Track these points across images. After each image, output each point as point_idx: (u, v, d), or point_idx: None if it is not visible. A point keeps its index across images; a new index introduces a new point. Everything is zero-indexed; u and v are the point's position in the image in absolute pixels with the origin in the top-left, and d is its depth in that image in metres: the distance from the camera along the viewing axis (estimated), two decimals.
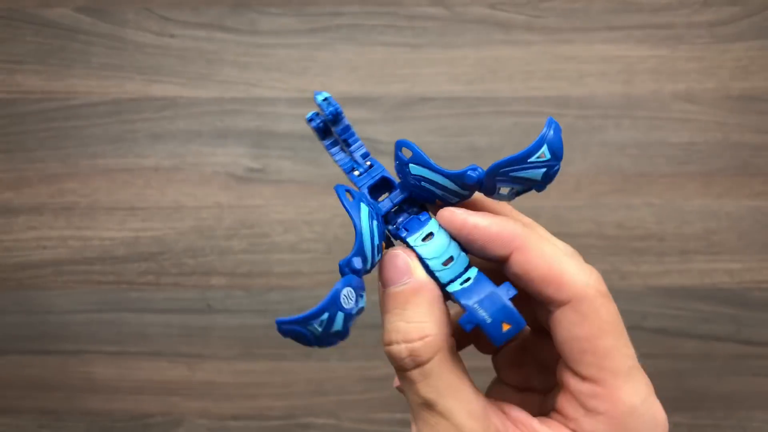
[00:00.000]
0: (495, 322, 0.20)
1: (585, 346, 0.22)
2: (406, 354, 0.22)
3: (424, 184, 0.24)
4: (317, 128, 0.25)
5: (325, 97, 0.24)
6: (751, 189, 0.56)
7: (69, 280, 0.56)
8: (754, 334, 0.55)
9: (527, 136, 0.56)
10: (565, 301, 0.22)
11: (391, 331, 0.23)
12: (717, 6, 0.57)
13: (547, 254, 0.22)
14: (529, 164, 0.21)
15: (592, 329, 0.22)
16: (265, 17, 0.57)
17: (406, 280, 0.23)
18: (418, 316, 0.22)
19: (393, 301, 0.23)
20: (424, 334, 0.22)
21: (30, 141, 0.57)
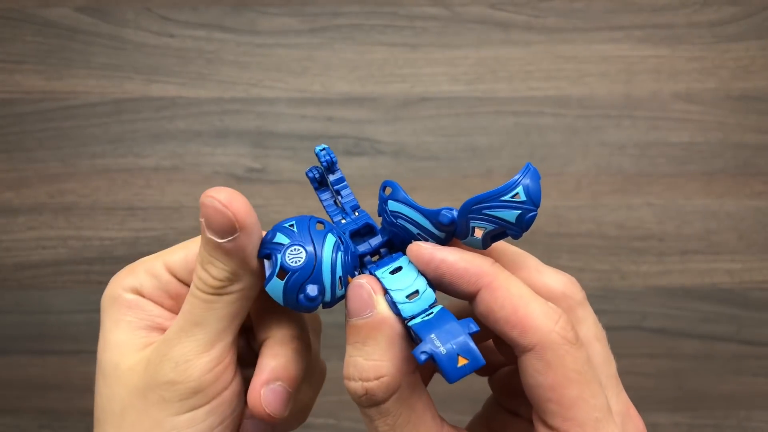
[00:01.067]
0: (450, 354, 0.19)
1: (549, 395, 0.21)
2: (362, 392, 0.22)
3: (401, 221, 0.24)
4: (313, 178, 0.26)
5: (323, 147, 0.25)
6: (752, 189, 0.56)
7: (69, 280, 0.56)
8: (754, 334, 0.55)
9: (527, 136, 0.56)
10: (528, 347, 0.21)
11: (349, 366, 0.22)
12: (717, 6, 0.57)
13: (514, 295, 0.21)
14: (502, 203, 0.21)
15: (557, 378, 0.21)
16: (264, 17, 0.57)
17: (369, 313, 0.22)
18: (377, 354, 0.22)
19: (354, 333, 0.22)
20: (380, 374, 0.21)
21: (30, 141, 0.57)
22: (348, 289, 0.23)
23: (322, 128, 0.57)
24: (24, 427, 0.56)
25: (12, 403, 0.57)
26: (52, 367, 0.56)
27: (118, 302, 0.25)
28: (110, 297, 0.26)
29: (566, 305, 0.23)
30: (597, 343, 0.23)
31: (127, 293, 0.25)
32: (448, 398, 0.30)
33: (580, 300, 0.24)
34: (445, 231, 0.23)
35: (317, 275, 0.22)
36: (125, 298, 0.25)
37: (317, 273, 0.22)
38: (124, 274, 0.26)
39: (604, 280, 0.55)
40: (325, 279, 0.22)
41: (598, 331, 0.24)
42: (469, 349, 0.19)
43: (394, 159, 0.56)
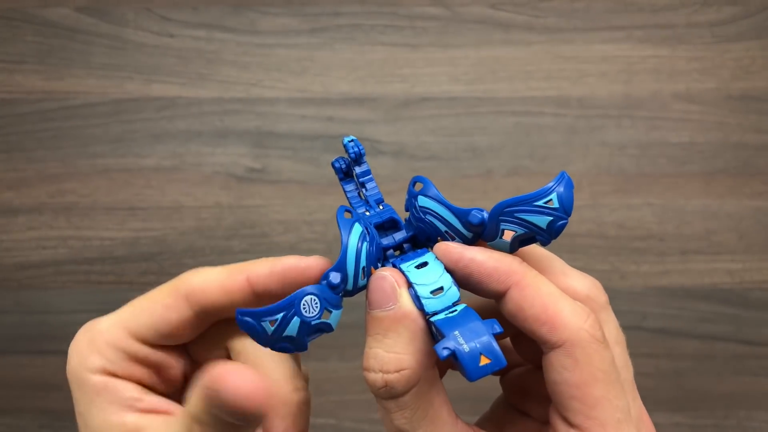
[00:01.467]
0: (473, 353, 0.19)
1: (574, 393, 0.21)
2: (381, 384, 0.22)
3: (429, 217, 0.24)
4: (339, 168, 0.26)
5: (351, 138, 0.25)
6: (752, 189, 0.56)
7: (69, 280, 0.56)
8: (754, 334, 0.55)
9: (527, 136, 0.56)
10: (557, 344, 0.21)
11: (369, 357, 0.22)
12: (717, 6, 0.57)
13: (544, 293, 0.22)
14: (535, 207, 0.21)
15: (583, 376, 0.21)
16: (265, 17, 0.57)
17: (391, 305, 0.22)
18: (398, 347, 0.22)
19: (375, 325, 0.22)
20: (401, 366, 0.21)
21: (30, 141, 0.57)
22: (370, 281, 0.23)
23: (322, 128, 0.57)
24: (24, 427, 0.56)
25: (12, 403, 0.57)
26: (52, 367, 0.56)
27: (86, 386, 0.23)
28: (76, 378, 0.24)
29: (590, 308, 0.23)
30: (617, 347, 0.24)
31: (95, 375, 0.23)
32: (449, 397, 0.29)
33: (603, 303, 0.24)
34: (474, 231, 0.23)
35: (341, 263, 0.22)
36: (93, 381, 0.23)
37: (341, 260, 0.22)
38: (86, 350, 0.24)
39: (604, 280, 0.55)
40: (349, 267, 0.22)
41: (619, 335, 0.24)
42: (492, 349, 0.20)
43: (395, 159, 0.56)
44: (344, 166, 0.26)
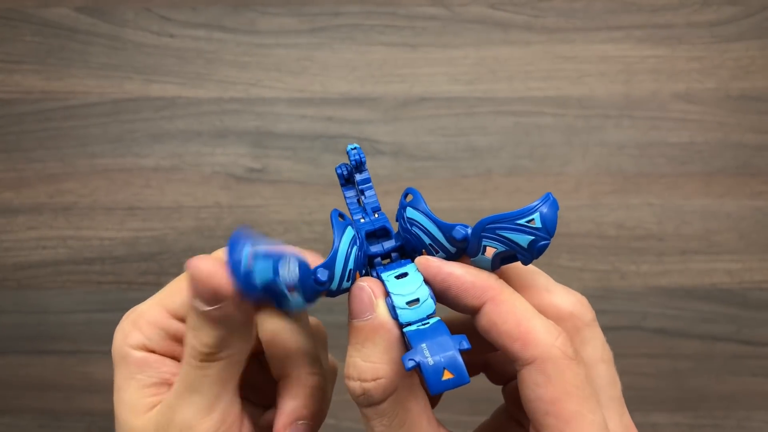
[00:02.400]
0: (437, 367, 0.20)
1: (549, 408, 0.21)
2: (360, 392, 0.22)
3: (415, 229, 0.24)
4: (341, 174, 0.26)
5: (354, 146, 0.26)
6: (751, 189, 0.56)
7: (68, 280, 0.56)
8: (753, 334, 0.55)
9: (527, 136, 0.56)
10: (529, 360, 0.21)
11: (349, 366, 0.23)
12: (717, 6, 0.57)
13: (518, 310, 0.22)
14: (516, 226, 0.21)
15: (556, 392, 0.21)
16: (264, 17, 0.57)
17: (368, 315, 0.22)
18: (375, 356, 0.22)
19: (355, 334, 0.23)
20: (377, 375, 0.22)
21: (29, 141, 0.57)
22: (351, 290, 0.23)
23: (321, 128, 0.57)
24: (23, 427, 0.56)
25: (11, 403, 0.57)
26: (51, 367, 0.56)
27: (127, 361, 0.25)
28: (119, 354, 0.25)
29: (573, 325, 0.23)
30: (603, 364, 0.24)
31: (136, 351, 0.25)
32: (447, 398, 0.30)
33: (588, 321, 0.24)
34: (457, 246, 0.23)
35: (330, 261, 0.22)
36: (134, 356, 0.25)
37: (330, 259, 0.22)
38: (129, 327, 0.26)
39: (604, 280, 0.55)
40: (337, 267, 0.22)
41: (605, 352, 0.24)
42: (456, 365, 0.20)
43: (394, 159, 0.56)
44: (346, 172, 0.26)
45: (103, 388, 0.57)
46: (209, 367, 0.23)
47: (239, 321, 0.23)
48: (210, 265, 0.22)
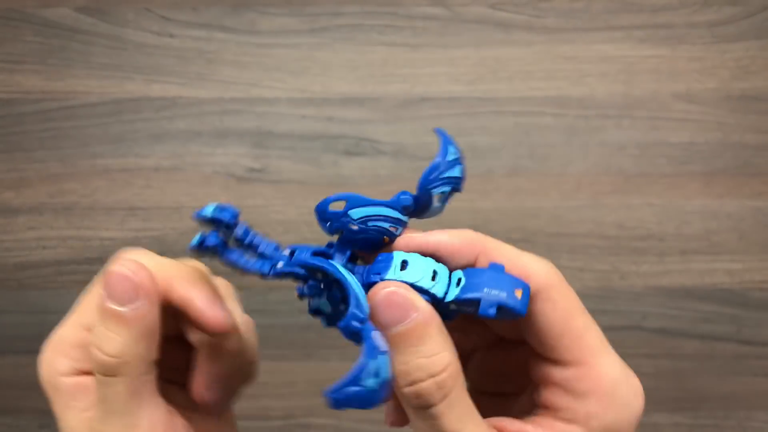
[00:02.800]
0: (510, 294, 0.21)
1: (561, 330, 0.23)
2: (435, 389, 0.21)
3: (371, 223, 0.24)
4: (217, 245, 0.23)
5: (215, 205, 0.23)
6: (752, 189, 0.56)
7: (69, 280, 0.56)
8: (754, 334, 0.55)
9: (527, 136, 0.56)
10: (534, 293, 0.23)
11: (411, 371, 0.22)
12: (717, 6, 0.57)
13: (507, 252, 0.23)
14: (450, 163, 0.23)
15: (564, 312, 0.23)
16: (264, 17, 0.57)
17: (413, 314, 0.22)
18: (437, 347, 0.22)
19: (404, 339, 0.22)
20: (446, 363, 0.22)
21: (30, 141, 0.57)
22: (378, 301, 0.22)
23: (322, 128, 0.57)
24: (24, 427, 0.56)
25: (12, 403, 0.57)
26: None
27: (60, 390, 0.24)
28: (50, 386, 0.24)
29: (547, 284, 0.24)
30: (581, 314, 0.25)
31: (66, 378, 0.24)
32: None
33: (560, 281, 0.25)
34: (409, 213, 0.24)
35: (356, 301, 0.22)
36: (65, 384, 0.24)
37: (355, 299, 0.22)
38: (52, 355, 0.24)
39: (604, 280, 0.55)
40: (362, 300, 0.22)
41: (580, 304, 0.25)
42: (516, 281, 0.22)
43: (394, 159, 0.56)
44: (220, 240, 0.23)
45: None
46: (116, 383, 0.22)
47: (150, 322, 0.23)
48: (132, 263, 0.23)
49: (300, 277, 0.24)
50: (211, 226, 0.23)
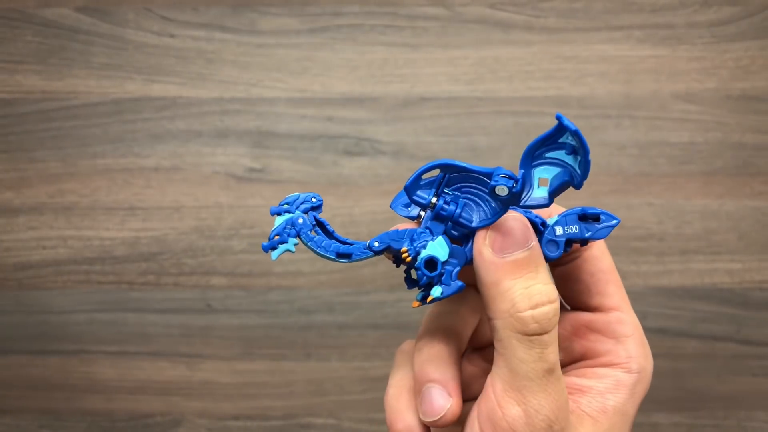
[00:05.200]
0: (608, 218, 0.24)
1: (608, 277, 0.26)
2: (552, 314, 0.22)
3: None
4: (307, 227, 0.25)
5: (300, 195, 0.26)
6: (752, 189, 0.56)
7: (69, 280, 0.56)
8: (754, 334, 0.55)
9: (527, 135, 0.56)
10: None
11: (533, 295, 0.22)
12: (717, 6, 0.57)
13: None
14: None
15: (610, 263, 0.26)
16: (265, 17, 0.57)
17: (531, 243, 0.23)
18: (548, 277, 0.23)
19: (523, 266, 0.23)
20: (556, 295, 0.23)
21: (30, 141, 0.57)
22: (507, 223, 0.23)
23: (322, 128, 0.57)
24: (24, 427, 0.56)
25: (12, 404, 0.57)
26: (52, 367, 0.56)
27: None
28: None
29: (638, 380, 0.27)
30: None
31: None
32: None
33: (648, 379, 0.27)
34: (503, 199, 0.23)
35: None
36: None
37: None
38: None
39: None
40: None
41: None
42: (592, 208, 0.25)
43: (394, 159, 0.56)
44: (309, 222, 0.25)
45: (104, 389, 0.57)
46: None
47: None
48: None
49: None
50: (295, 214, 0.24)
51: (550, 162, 0.23)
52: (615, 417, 0.24)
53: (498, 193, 0.22)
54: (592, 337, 0.25)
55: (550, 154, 0.22)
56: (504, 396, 0.23)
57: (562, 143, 0.22)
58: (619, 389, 0.25)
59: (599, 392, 0.25)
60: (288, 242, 0.24)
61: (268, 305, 0.56)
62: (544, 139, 0.22)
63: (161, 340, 0.56)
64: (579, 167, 0.22)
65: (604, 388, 0.25)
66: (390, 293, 0.56)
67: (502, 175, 0.22)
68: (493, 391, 0.23)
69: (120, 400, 0.56)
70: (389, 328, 0.56)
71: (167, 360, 0.56)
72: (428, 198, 0.24)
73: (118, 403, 0.56)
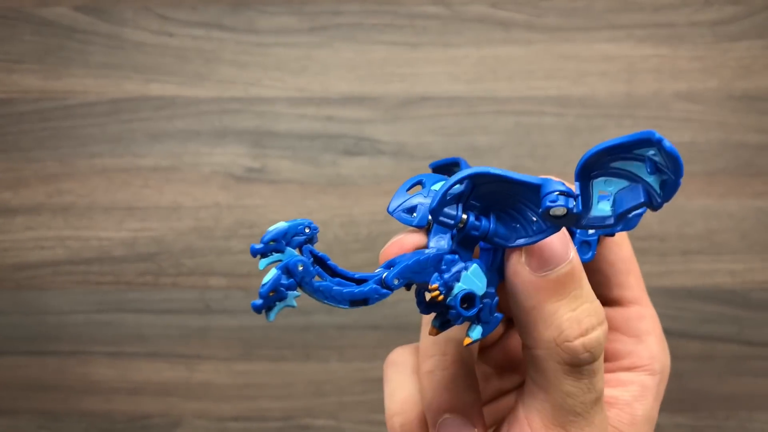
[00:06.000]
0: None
1: (630, 267, 0.24)
2: (603, 338, 0.19)
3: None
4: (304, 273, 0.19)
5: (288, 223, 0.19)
6: (754, 189, 0.56)
7: (67, 280, 0.56)
8: (756, 334, 0.55)
9: (528, 135, 0.56)
10: None
11: (582, 319, 0.19)
12: (719, 5, 0.56)
13: None
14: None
15: (630, 254, 0.24)
16: (264, 16, 0.57)
17: (571, 252, 0.19)
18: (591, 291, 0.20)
19: (568, 283, 0.19)
20: (603, 311, 0.20)
21: (27, 141, 0.57)
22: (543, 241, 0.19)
23: (321, 128, 0.56)
24: (22, 428, 0.56)
25: (10, 404, 0.56)
26: (50, 367, 0.56)
27: None
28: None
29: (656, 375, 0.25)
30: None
31: None
32: None
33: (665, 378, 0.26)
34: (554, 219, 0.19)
35: None
36: None
37: None
38: None
39: None
40: None
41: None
42: None
43: (394, 159, 0.56)
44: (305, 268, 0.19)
45: (102, 389, 0.56)
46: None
47: None
48: None
49: None
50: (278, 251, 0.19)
51: (614, 173, 0.18)
52: (644, 426, 0.23)
53: (552, 214, 0.18)
54: (611, 336, 0.23)
55: (619, 164, 0.18)
56: None
57: (641, 156, 0.18)
58: (645, 396, 0.23)
59: (627, 403, 0.23)
60: (287, 297, 0.18)
61: None
62: (615, 147, 0.18)
63: (160, 340, 0.56)
64: (661, 188, 0.18)
65: (631, 397, 0.23)
66: None
67: (557, 191, 0.18)
68: (531, 427, 0.20)
69: (118, 401, 0.56)
70: (389, 329, 0.55)
71: (166, 361, 0.56)
72: (458, 216, 0.19)
73: (117, 404, 0.56)
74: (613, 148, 0.18)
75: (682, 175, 0.18)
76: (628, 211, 0.19)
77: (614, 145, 0.18)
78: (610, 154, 0.18)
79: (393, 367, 0.24)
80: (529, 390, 0.20)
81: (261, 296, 0.18)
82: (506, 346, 0.27)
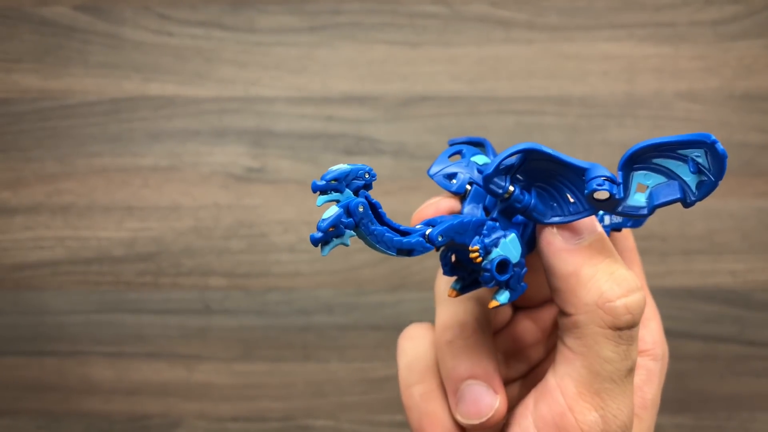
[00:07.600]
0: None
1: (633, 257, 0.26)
2: (643, 303, 0.20)
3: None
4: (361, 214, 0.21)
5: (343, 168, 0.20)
6: (755, 189, 0.55)
7: (66, 280, 0.56)
8: (757, 334, 0.55)
9: (529, 135, 0.56)
10: None
11: (621, 281, 0.20)
12: (720, 4, 0.56)
13: None
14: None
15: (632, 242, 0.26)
16: (263, 15, 0.57)
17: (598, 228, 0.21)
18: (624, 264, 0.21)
19: (602, 248, 0.20)
20: (638, 280, 0.21)
21: (27, 140, 0.57)
22: None
23: (321, 127, 0.56)
24: (21, 428, 0.56)
25: (9, 405, 0.56)
26: (49, 368, 0.56)
27: None
28: None
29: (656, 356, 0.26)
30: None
31: None
32: None
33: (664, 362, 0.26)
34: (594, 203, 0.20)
35: None
36: None
37: None
38: None
39: None
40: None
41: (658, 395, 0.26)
42: None
43: (395, 158, 0.56)
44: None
45: (101, 390, 0.56)
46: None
47: None
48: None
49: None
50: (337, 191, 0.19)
51: (654, 169, 0.20)
52: (652, 410, 0.23)
53: (596, 197, 0.20)
54: None
55: (660, 161, 0.20)
56: (578, 400, 0.20)
57: (684, 156, 0.19)
58: (652, 380, 0.23)
59: (637, 386, 0.23)
60: (344, 235, 0.19)
61: (267, 306, 0.56)
62: (664, 144, 0.19)
63: (159, 341, 0.56)
64: (698, 187, 0.19)
65: (640, 381, 0.23)
66: (390, 294, 0.55)
67: (603, 177, 0.20)
68: (563, 393, 0.20)
69: (117, 401, 0.56)
70: (389, 329, 0.55)
71: (165, 361, 0.56)
72: (506, 186, 0.21)
73: (116, 405, 0.56)
74: (662, 145, 0.19)
75: (723, 177, 0.19)
76: (661, 205, 0.20)
77: (664, 143, 0.19)
78: (656, 150, 0.19)
79: (410, 341, 0.25)
80: (564, 357, 0.21)
81: (320, 230, 0.19)
82: (513, 334, 0.27)
